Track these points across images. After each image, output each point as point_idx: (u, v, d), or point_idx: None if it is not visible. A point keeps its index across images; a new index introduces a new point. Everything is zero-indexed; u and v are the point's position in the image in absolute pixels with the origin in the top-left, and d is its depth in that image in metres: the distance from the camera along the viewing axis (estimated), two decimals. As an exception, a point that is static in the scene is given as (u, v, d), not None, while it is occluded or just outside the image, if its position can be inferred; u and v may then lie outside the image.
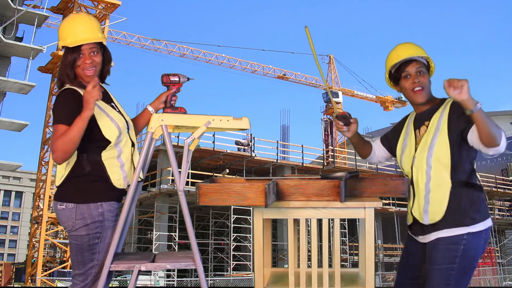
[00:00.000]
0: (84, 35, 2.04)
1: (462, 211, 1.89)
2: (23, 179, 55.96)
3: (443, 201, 1.91)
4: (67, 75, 2.05)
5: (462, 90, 1.71)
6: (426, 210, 1.95)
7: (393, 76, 2.12)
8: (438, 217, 1.92)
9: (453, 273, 1.85)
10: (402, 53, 2.07)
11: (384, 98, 39.62)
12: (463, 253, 1.86)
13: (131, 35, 31.02)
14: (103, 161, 1.99)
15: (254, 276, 2.00)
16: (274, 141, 24.16)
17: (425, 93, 2.05)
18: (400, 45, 2.12)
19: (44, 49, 20.95)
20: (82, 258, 1.97)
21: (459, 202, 1.90)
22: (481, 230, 1.89)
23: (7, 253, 53.36)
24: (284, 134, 33.65)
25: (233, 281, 19.67)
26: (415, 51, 2.05)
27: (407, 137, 2.12)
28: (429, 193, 1.94)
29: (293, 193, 1.94)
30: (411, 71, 2.05)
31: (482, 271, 24.60)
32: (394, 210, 25.05)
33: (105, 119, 2.02)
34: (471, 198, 1.91)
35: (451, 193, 1.90)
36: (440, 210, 1.91)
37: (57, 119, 1.95)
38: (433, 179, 1.94)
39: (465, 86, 1.70)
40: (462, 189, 1.91)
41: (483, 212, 1.92)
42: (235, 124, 2.05)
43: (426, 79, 2.05)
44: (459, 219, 1.89)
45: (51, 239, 21.66)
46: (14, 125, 20.39)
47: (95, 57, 2.07)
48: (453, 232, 1.88)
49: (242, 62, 35.26)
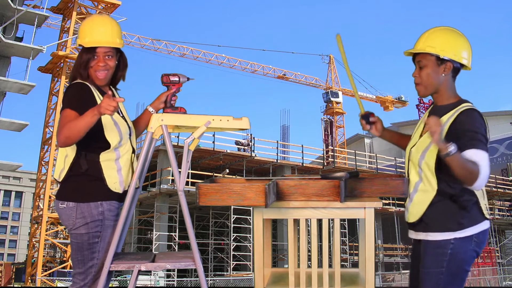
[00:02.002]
0: (102, 38, 2.06)
1: (447, 217, 1.87)
2: (23, 179, 55.95)
3: (423, 206, 1.90)
4: (80, 74, 2.07)
5: (433, 137, 1.70)
6: (407, 207, 1.98)
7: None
8: (413, 219, 1.93)
9: (442, 277, 1.84)
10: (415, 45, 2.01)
11: (384, 98, 39.62)
12: (450, 257, 1.84)
13: (131, 35, 31.04)
14: (100, 162, 2.00)
15: (254, 276, 2.00)
16: (274, 141, 24.19)
17: (423, 87, 2.00)
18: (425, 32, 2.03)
19: (44, 49, 20.95)
20: (82, 257, 1.98)
21: (442, 210, 1.88)
22: (471, 235, 1.85)
23: (7, 253, 53.36)
24: (284, 134, 33.67)
25: (233, 281, 19.67)
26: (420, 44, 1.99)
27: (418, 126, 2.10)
28: (415, 192, 1.95)
29: (293, 193, 1.94)
30: (415, 65, 2.02)
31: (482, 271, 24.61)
32: (394, 210, 25.06)
33: (110, 122, 2.03)
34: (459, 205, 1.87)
35: (433, 201, 1.89)
36: (418, 213, 1.91)
37: (66, 103, 1.97)
38: (423, 182, 1.93)
39: (436, 133, 1.69)
40: (445, 200, 1.88)
41: (473, 217, 1.87)
42: (235, 124, 2.05)
43: (424, 73, 1.98)
44: (444, 224, 1.86)
45: (51, 239, 21.66)
46: (14, 125, 20.39)
47: (109, 60, 2.08)
48: (439, 236, 1.86)
49: (242, 62, 35.28)
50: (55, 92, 22.55)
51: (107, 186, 2.00)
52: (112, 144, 2.02)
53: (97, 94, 2.06)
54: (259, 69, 36.07)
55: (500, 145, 35.49)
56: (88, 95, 2.02)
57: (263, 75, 36.64)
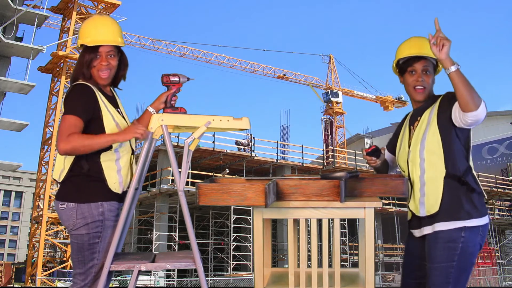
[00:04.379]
0: (104, 37, 2.08)
1: (457, 204, 1.90)
2: (23, 179, 55.94)
3: (438, 192, 1.92)
4: (83, 74, 2.08)
5: (442, 50, 1.72)
6: (422, 202, 1.97)
7: (400, 66, 2.13)
8: (435, 208, 1.93)
9: (453, 270, 1.86)
10: (414, 48, 2.07)
11: (384, 98, 39.60)
12: (461, 251, 1.87)
13: (131, 35, 31.01)
14: (101, 163, 2.01)
15: (254, 276, 2.00)
16: (274, 141, 24.18)
17: (426, 93, 2.06)
18: (414, 39, 2.11)
19: (44, 49, 20.95)
20: (83, 257, 1.98)
21: (454, 195, 1.91)
22: (478, 226, 1.89)
23: (7, 253, 53.34)
24: (284, 134, 33.66)
25: (233, 281, 19.66)
26: (427, 49, 2.02)
27: (403, 135, 2.14)
28: (424, 185, 1.96)
29: (293, 193, 1.94)
30: (417, 68, 2.05)
31: (482, 271, 24.60)
32: (394, 210, 25.04)
33: (111, 122, 2.04)
34: (466, 194, 1.91)
35: (445, 184, 1.91)
36: (436, 201, 1.92)
37: (68, 109, 1.96)
38: (427, 171, 1.95)
39: (446, 46, 1.72)
40: (456, 182, 1.92)
41: (479, 209, 1.92)
42: (235, 124, 2.05)
43: (430, 79, 2.06)
44: (454, 213, 1.89)
45: (51, 239, 21.66)
46: (14, 125, 20.38)
47: (111, 60, 2.10)
48: (450, 225, 1.89)
49: (242, 62, 35.26)
50: (55, 92, 22.55)
51: (107, 187, 2.01)
52: (113, 145, 2.02)
53: (99, 95, 2.06)
54: (259, 69, 36.05)
55: (500, 145, 35.49)
56: (91, 98, 2.01)
57: (263, 75, 36.63)
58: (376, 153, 2.22)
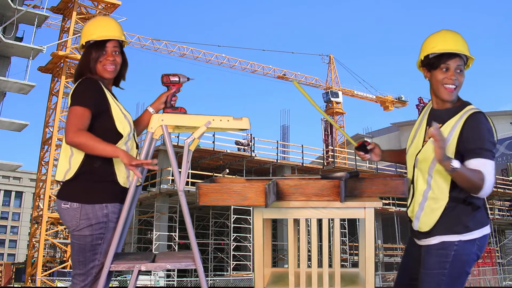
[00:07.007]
0: (111, 32, 2.11)
1: (455, 220, 1.86)
2: (23, 179, 55.92)
3: (435, 214, 1.88)
4: (90, 69, 2.09)
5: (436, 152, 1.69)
6: (417, 217, 1.93)
7: (428, 61, 1.96)
8: (426, 228, 1.89)
9: (444, 278, 1.83)
10: (451, 44, 1.92)
11: (384, 98, 39.58)
12: (453, 259, 1.83)
13: (131, 35, 31.00)
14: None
15: (254, 276, 2.00)
16: (274, 141, 24.19)
17: (455, 93, 1.94)
18: (448, 33, 1.97)
19: (44, 49, 20.94)
20: (84, 258, 1.97)
21: (453, 215, 1.86)
22: (474, 238, 1.85)
23: (7, 253, 53.33)
24: (284, 134, 33.64)
25: (233, 281, 19.67)
26: (463, 47, 1.93)
27: (418, 129, 2.05)
28: (425, 201, 1.91)
29: (293, 193, 1.94)
30: (451, 66, 1.91)
31: (482, 271, 24.60)
32: (394, 210, 25.05)
33: (120, 113, 2.05)
34: (469, 212, 1.87)
35: (446, 208, 1.87)
36: (430, 222, 1.88)
37: (76, 101, 1.96)
38: (432, 189, 1.89)
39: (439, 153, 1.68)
40: (458, 204, 1.87)
41: (478, 220, 1.87)
42: (235, 124, 2.05)
43: (462, 79, 1.93)
44: (451, 227, 1.85)
45: (51, 239, 21.66)
46: (14, 125, 20.38)
47: (117, 56, 2.12)
48: (445, 238, 1.86)
49: (242, 62, 35.25)
50: (55, 92, 22.55)
51: (114, 186, 2.00)
52: (124, 134, 2.03)
53: (107, 90, 2.07)
54: (259, 69, 36.05)
55: (500, 145, 35.49)
56: (100, 91, 2.03)
57: (263, 75, 36.62)
58: (364, 148, 2.20)
